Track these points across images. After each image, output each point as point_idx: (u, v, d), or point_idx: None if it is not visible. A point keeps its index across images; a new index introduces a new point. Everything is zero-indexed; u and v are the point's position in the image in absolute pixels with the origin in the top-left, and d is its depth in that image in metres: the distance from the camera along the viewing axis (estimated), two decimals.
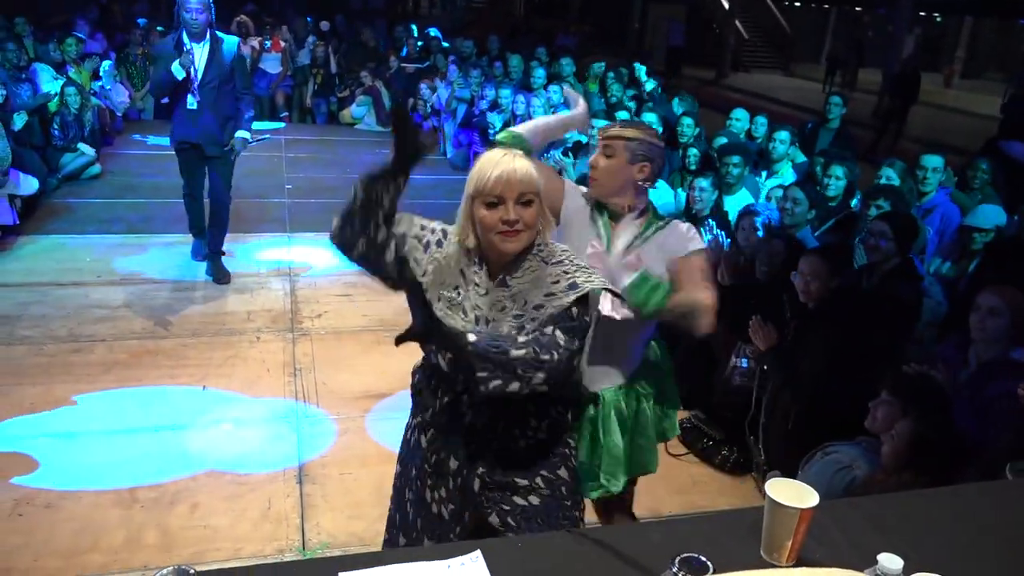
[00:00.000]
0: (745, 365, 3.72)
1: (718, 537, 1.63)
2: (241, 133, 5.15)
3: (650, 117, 6.64)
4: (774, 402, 3.45)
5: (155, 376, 4.25)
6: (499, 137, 2.36)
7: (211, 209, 5.44)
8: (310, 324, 4.98)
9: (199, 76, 4.93)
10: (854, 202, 5.00)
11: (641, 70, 8.19)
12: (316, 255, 6.10)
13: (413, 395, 2.07)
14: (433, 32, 12.65)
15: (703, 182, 4.97)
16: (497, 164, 1.77)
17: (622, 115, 6.84)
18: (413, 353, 1.96)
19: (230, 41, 5.06)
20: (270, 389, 4.21)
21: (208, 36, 4.92)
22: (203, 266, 5.58)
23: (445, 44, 11.99)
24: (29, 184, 6.39)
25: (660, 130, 6.65)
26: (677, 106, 7.82)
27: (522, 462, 1.94)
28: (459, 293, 1.85)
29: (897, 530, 1.68)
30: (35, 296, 5.08)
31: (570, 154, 6.42)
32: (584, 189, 2.36)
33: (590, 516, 2.37)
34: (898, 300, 3.57)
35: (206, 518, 3.20)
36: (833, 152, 5.63)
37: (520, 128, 2.41)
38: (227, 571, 1.37)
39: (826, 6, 25.92)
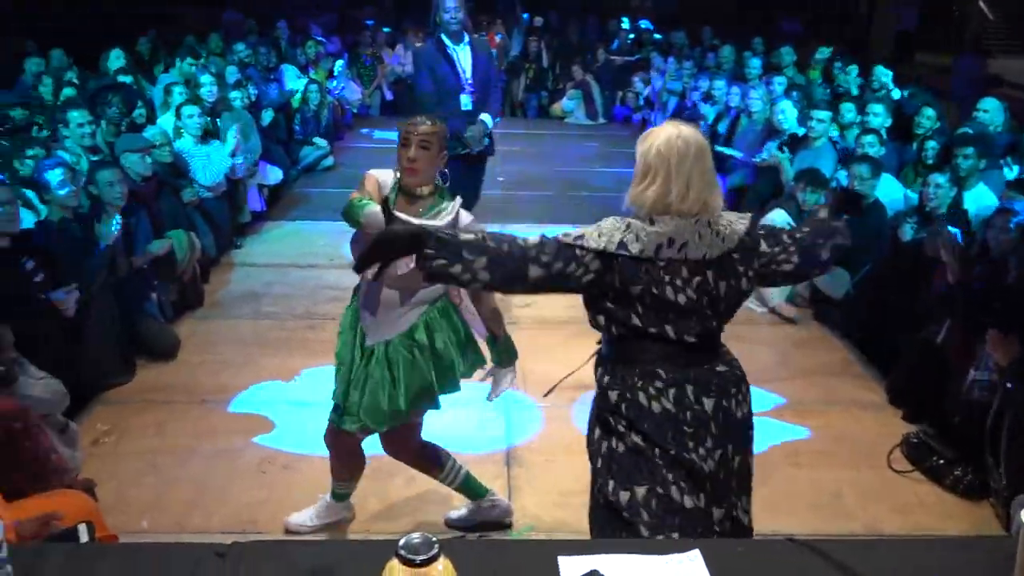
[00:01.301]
0: (987, 379, 3.39)
1: (957, 565, 1.51)
2: (485, 116, 5.03)
3: (877, 108, 6.21)
4: (1020, 422, 3.12)
5: None
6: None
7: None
8: (519, 313, 5.11)
9: (469, 76, 4.95)
10: None
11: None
12: None
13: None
14: (645, 24, 12.54)
15: (939, 177, 4.60)
16: None
17: (847, 107, 6.45)
18: None
19: (484, 43, 5.14)
20: (481, 374, 4.37)
21: (466, 36, 4.96)
22: None
23: (657, 36, 11.85)
24: (275, 174, 7.07)
25: (889, 122, 6.21)
26: (907, 97, 7.25)
27: None
28: None
29: None
30: (278, 276, 5.63)
31: (786, 149, 6.15)
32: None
33: None
34: None
35: (421, 491, 3.39)
36: None
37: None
38: (459, 541, 1.45)
39: None
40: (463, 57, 4.93)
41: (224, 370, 4.34)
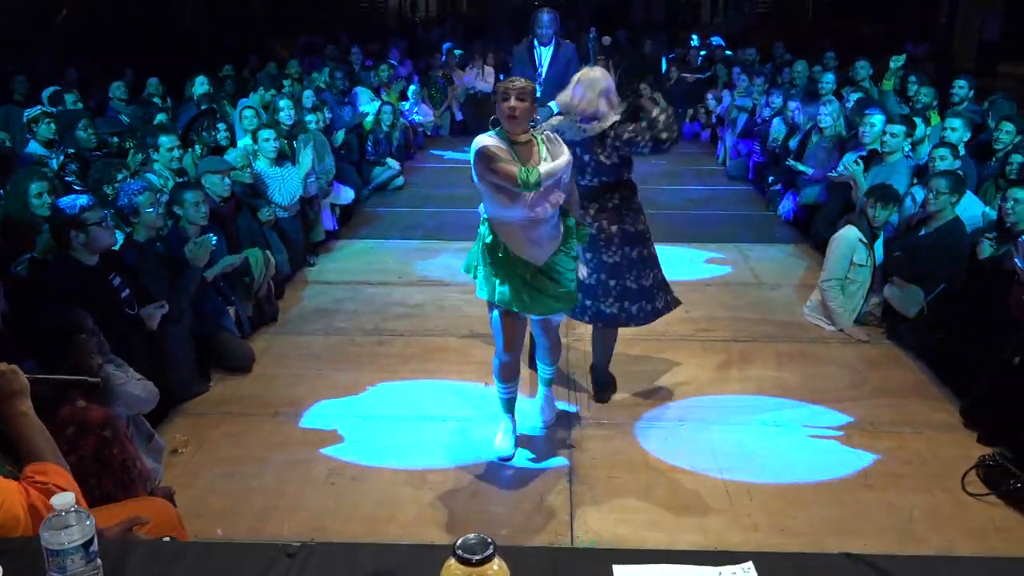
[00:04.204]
0: None
1: None
2: (552, 103, 5.65)
3: (955, 122, 6.04)
4: None
5: (444, 371, 4.64)
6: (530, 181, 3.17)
7: None
8: (584, 331, 5.14)
9: (544, 72, 6.12)
10: None
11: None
12: None
13: None
14: (716, 41, 12.48)
15: (1018, 193, 4.47)
16: None
17: (917, 121, 6.30)
18: (682, 367, 1.96)
19: (567, 46, 6.39)
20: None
21: (554, 42, 6.21)
22: None
23: (728, 53, 11.77)
24: (347, 194, 7.28)
25: (967, 136, 6.03)
26: (986, 110, 7.03)
27: None
28: None
29: None
30: (349, 293, 5.79)
31: (861, 162, 6.03)
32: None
33: None
34: None
35: (485, 505, 3.46)
36: None
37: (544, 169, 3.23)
38: (516, 548, 1.50)
39: None
40: (544, 57, 6.23)
41: (297, 384, 4.49)
